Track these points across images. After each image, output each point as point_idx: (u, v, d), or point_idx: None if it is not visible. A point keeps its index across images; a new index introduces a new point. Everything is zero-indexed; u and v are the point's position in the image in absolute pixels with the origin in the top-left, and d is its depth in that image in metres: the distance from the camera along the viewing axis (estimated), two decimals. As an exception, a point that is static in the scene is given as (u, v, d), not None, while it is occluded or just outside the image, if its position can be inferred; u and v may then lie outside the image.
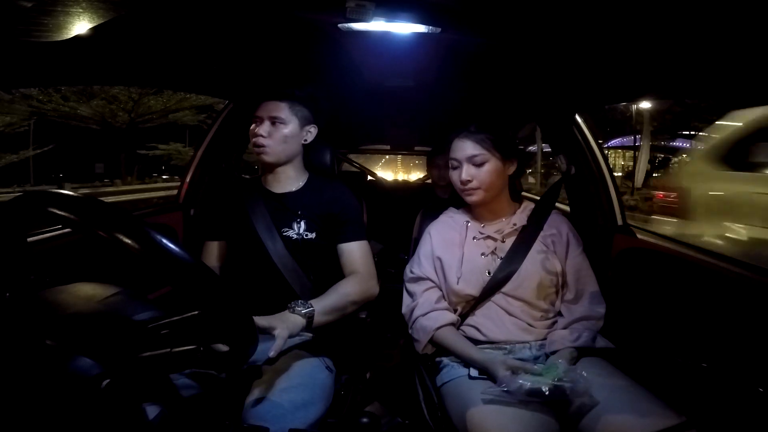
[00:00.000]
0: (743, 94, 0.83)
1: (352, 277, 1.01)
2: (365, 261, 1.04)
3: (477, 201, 1.01)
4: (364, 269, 1.03)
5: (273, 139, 1.01)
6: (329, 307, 0.91)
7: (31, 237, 0.97)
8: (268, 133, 1.00)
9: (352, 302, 0.97)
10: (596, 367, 0.87)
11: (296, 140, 1.05)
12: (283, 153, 1.03)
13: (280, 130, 1.01)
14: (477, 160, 0.98)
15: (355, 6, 0.74)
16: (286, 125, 1.02)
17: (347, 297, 0.96)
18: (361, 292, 0.99)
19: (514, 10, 0.76)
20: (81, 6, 0.63)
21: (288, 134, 1.02)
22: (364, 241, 1.07)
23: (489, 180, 0.99)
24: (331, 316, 0.91)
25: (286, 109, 1.02)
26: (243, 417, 0.77)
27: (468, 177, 0.98)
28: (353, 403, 1.01)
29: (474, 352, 0.91)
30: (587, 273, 1.01)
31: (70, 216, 0.44)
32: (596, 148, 1.42)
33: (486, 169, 0.98)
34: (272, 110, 1.01)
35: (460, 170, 1.00)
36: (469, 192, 1.00)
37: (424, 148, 3.08)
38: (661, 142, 17.67)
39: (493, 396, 0.79)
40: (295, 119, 1.03)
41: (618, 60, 0.95)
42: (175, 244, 0.45)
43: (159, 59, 1.05)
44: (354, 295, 0.98)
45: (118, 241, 0.43)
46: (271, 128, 1.01)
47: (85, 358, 0.45)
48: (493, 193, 1.01)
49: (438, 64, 1.17)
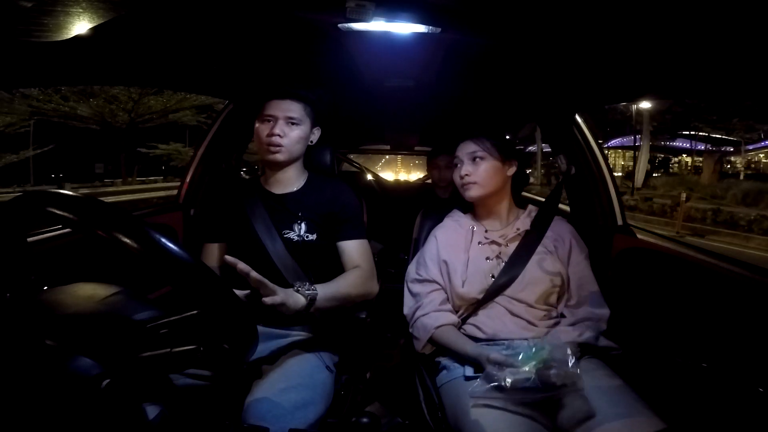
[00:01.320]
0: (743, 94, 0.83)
1: (355, 271, 1.01)
2: (366, 258, 1.05)
3: (474, 196, 1.04)
4: (366, 266, 1.03)
5: (289, 138, 1.01)
6: (331, 294, 0.91)
7: (31, 237, 0.97)
8: (284, 133, 1.00)
9: (353, 295, 0.98)
10: (597, 369, 0.87)
11: (305, 141, 1.05)
12: (296, 153, 1.04)
13: (295, 131, 1.01)
14: (476, 155, 1.03)
15: (355, 6, 0.73)
16: (300, 126, 1.02)
17: (350, 288, 0.96)
18: (362, 286, 1.00)
19: (514, 11, 0.76)
20: (81, 6, 0.62)
21: (302, 135, 1.03)
22: (364, 240, 1.07)
23: (486, 176, 1.03)
24: (331, 303, 0.91)
25: (301, 110, 1.02)
26: (243, 417, 0.77)
27: (466, 172, 1.03)
28: (353, 403, 1.01)
29: (468, 347, 0.92)
30: (590, 279, 1.02)
31: (69, 216, 0.44)
32: (596, 148, 1.42)
33: (484, 165, 1.03)
34: (287, 110, 1.01)
35: (461, 167, 1.05)
36: (467, 186, 1.04)
37: (424, 148, 3.08)
38: (662, 142, 17.69)
39: (480, 394, 0.79)
40: (308, 120, 1.04)
41: (618, 60, 0.95)
42: (175, 244, 0.45)
43: (159, 59, 1.05)
44: (356, 287, 0.98)
45: (118, 241, 0.43)
46: (287, 128, 1.01)
47: (85, 358, 0.45)
48: (489, 190, 1.04)
49: (438, 64, 1.17)
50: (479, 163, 1.03)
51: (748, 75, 0.78)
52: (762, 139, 16.11)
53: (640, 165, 12.72)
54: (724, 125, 13.79)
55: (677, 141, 17.89)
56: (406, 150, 3.42)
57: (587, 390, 0.77)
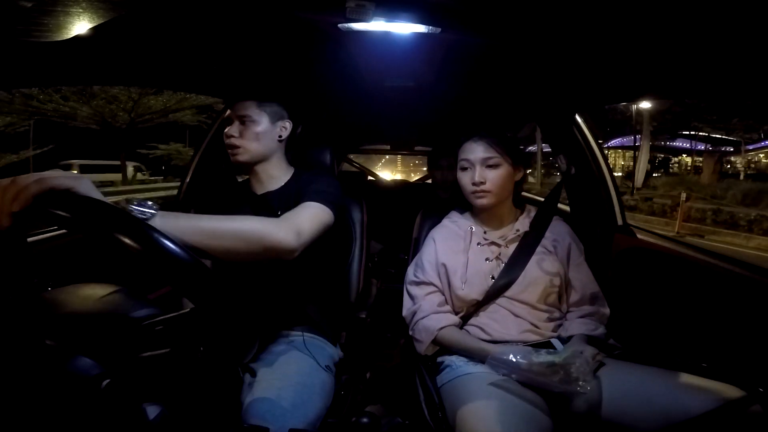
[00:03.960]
0: (743, 94, 0.83)
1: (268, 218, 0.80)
2: (297, 214, 0.86)
3: (486, 204, 1.01)
4: (288, 217, 0.84)
5: (244, 138, 1.00)
6: (192, 223, 0.64)
7: (31, 237, 0.97)
8: (239, 133, 1.00)
9: (242, 233, 0.70)
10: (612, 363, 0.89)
11: (269, 137, 1.02)
12: (257, 151, 1.02)
13: (251, 128, 1.00)
14: (491, 162, 0.99)
15: (355, 6, 0.74)
16: (256, 123, 1.00)
17: (237, 224, 0.70)
18: (262, 230, 0.73)
19: (514, 11, 0.76)
20: (81, 6, 0.63)
21: (259, 131, 1.00)
22: (316, 204, 0.90)
23: (500, 184, 1.00)
24: (197, 235, 0.63)
25: (254, 107, 1.01)
26: (243, 417, 0.77)
27: (481, 179, 0.98)
28: (353, 403, 1.01)
29: (486, 344, 0.92)
30: (590, 278, 1.03)
31: (68, 216, 0.44)
32: (596, 148, 1.42)
33: (499, 172, 0.99)
34: (240, 109, 1.01)
35: (473, 172, 1.00)
36: (481, 195, 1.00)
37: (424, 148, 3.08)
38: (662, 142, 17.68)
39: (496, 362, 0.81)
40: (264, 116, 1.01)
41: (618, 60, 0.95)
42: (174, 243, 0.45)
43: (159, 59, 1.05)
44: (248, 226, 0.72)
45: (118, 241, 0.43)
46: (242, 127, 1.00)
47: (85, 358, 0.45)
48: (502, 198, 1.03)
49: (438, 64, 1.17)
50: (493, 170, 0.99)
51: (749, 75, 0.78)
52: (762, 139, 16.13)
53: (639, 165, 12.73)
54: (724, 125, 13.83)
55: (678, 141, 17.90)
56: (406, 150, 3.41)
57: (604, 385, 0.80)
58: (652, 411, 0.74)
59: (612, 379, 0.82)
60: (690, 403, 0.71)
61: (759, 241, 7.56)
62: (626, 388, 0.79)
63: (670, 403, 0.73)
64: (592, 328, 0.94)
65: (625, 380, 0.81)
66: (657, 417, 0.73)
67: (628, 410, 0.76)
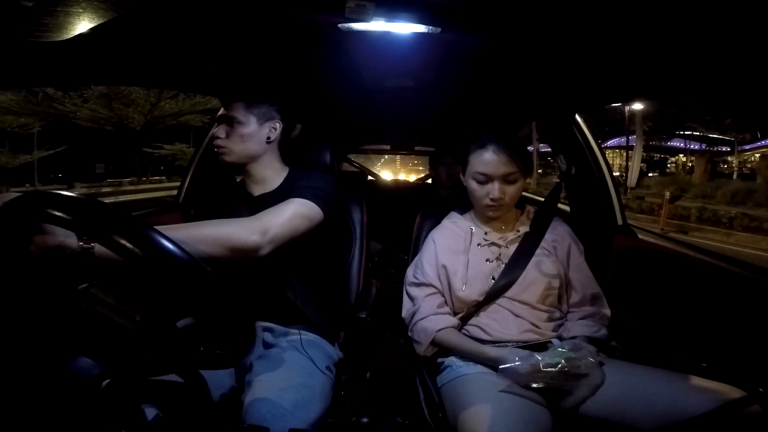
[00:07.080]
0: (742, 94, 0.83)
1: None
2: (270, 211, 0.86)
3: (500, 216, 1.04)
4: (261, 215, 0.85)
5: (230, 139, 1.00)
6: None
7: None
8: (225, 134, 1.01)
9: (214, 239, 0.73)
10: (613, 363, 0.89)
11: (257, 138, 1.02)
12: (243, 152, 1.02)
13: (237, 130, 1.00)
14: (511, 178, 0.98)
15: (355, 6, 0.74)
16: (243, 124, 1.00)
17: (206, 232, 0.73)
18: (229, 232, 0.76)
19: (513, 11, 0.76)
20: (81, 6, 0.63)
21: (245, 133, 1.00)
22: (298, 199, 0.91)
23: (516, 196, 1.01)
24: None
25: (241, 108, 1.01)
26: (243, 417, 0.77)
27: (501, 194, 0.98)
28: (353, 403, 1.01)
29: (486, 348, 0.92)
30: (590, 278, 1.03)
31: (68, 217, 0.44)
32: (596, 148, 1.42)
33: (517, 186, 1.00)
34: (229, 111, 1.02)
35: (491, 186, 0.98)
36: (496, 208, 1.00)
37: (424, 148, 3.08)
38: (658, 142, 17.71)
39: (507, 374, 0.81)
40: (252, 117, 1.01)
41: (617, 60, 0.95)
42: (173, 244, 0.45)
43: (159, 59, 1.05)
44: (218, 233, 0.74)
45: (117, 242, 0.43)
46: (228, 129, 1.01)
47: (85, 358, 0.45)
48: (512, 207, 1.04)
49: (438, 64, 1.17)
50: (512, 185, 0.99)
51: (749, 75, 0.78)
52: (757, 139, 16.18)
53: (633, 165, 12.80)
54: (717, 125, 13.92)
55: (674, 141, 17.94)
56: (406, 150, 3.42)
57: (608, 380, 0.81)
58: (653, 411, 0.74)
59: (612, 379, 0.82)
60: (690, 403, 0.71)
61: (738, 237, 7.81)
62: (626, 389, 0.79)
63: (670, 404, 0.73)
64: (594, 330, 0.94)
65: (625, 380, 0.81)
66: (657, 417, 0.73)
67: (629, 410, 0.76)
